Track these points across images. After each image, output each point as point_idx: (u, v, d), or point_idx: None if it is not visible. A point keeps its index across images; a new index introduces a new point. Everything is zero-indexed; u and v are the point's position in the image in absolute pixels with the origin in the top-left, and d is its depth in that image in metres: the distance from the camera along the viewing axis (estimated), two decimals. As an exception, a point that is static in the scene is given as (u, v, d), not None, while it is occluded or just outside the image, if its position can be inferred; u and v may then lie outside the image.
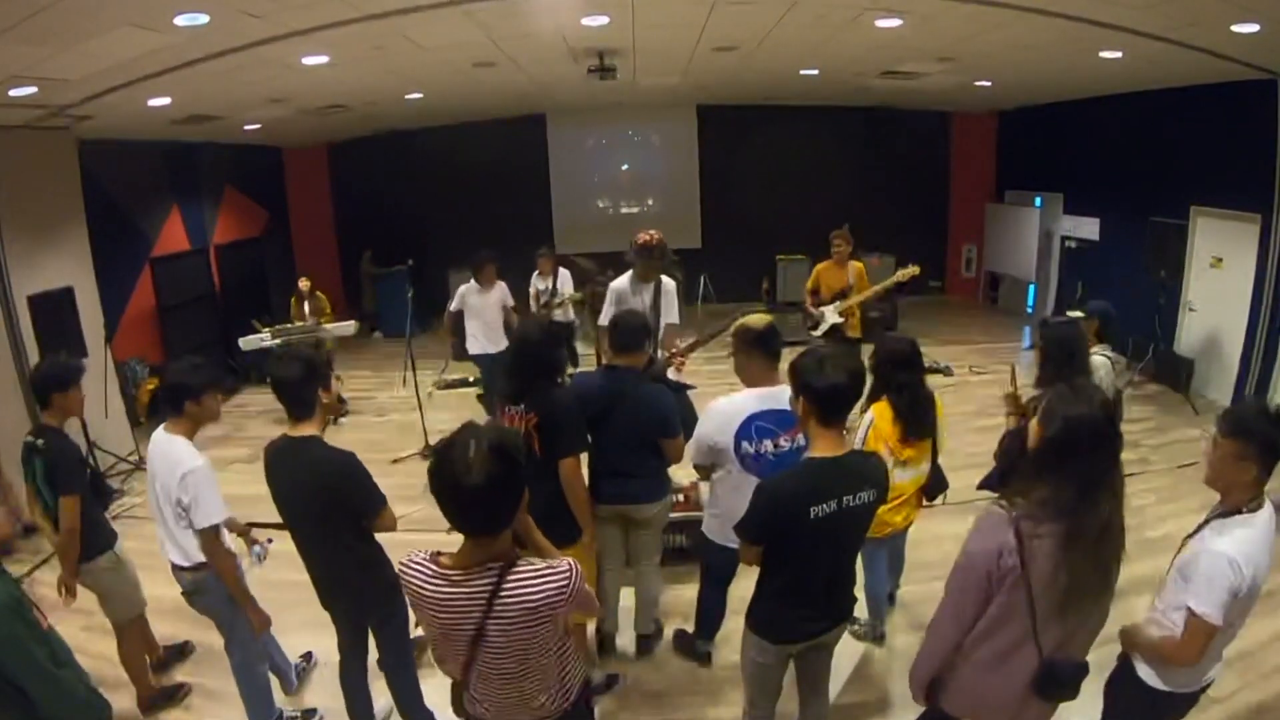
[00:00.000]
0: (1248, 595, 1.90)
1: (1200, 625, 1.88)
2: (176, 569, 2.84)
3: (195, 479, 2.63)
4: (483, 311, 6.01)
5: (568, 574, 1.62)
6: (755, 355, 2.87)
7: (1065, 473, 1.70)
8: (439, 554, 1.67)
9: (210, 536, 2.67)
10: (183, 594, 2.91)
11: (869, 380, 2.79)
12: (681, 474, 4.31)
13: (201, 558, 2.74)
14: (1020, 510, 1.73)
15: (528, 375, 2.88)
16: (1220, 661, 2.09)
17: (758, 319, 2.95)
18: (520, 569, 1.60)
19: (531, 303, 6.86)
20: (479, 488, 1.50)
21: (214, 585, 2.79)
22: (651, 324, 4.03)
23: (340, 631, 2.83)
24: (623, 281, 4.39)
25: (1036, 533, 1.70)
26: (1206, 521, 2.01)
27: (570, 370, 2.88)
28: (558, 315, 6.75)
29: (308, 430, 2.52)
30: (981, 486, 3.30)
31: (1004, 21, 4.65)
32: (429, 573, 1.64)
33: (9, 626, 1.86)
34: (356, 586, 2.65)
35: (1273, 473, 1.93)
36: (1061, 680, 1.79)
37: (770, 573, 2.33)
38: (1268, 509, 1.95)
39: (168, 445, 2.72)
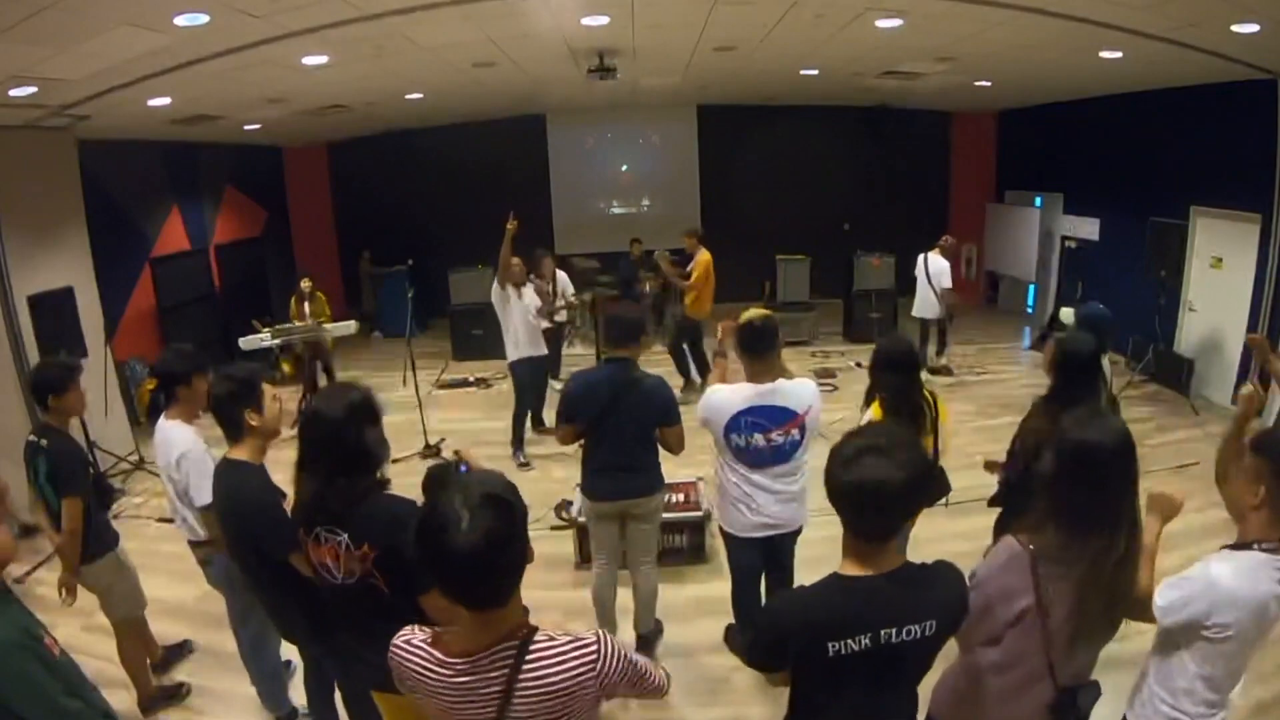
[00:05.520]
0: (1220, 638, 1.66)
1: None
2: (190, 542, 3.02)
3: (188, 462, 2.77)
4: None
5: (595, 647, 1.37)
6: (744, 353, 2.90)
7: (1080, 510, 1.64)
8: (440, 634, 1.40)
9: (209, 515, 2.73)
10: (199, 562, 3.07)
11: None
12: (681, 470, 4.30)
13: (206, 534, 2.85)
14: (1038, 549, 1.67)
15: (336, 476, 1.94)
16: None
17: (755, 313, 2.94)
18: (539, 644, 1.35)
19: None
20: (476, 549, 1.22)
21: (222, 558, 2.84)
22: None
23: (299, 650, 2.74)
24: None
25: (1055, 574, 1.64)
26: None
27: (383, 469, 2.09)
28: (560, 318, 6.71)
29: (239, 454, 2.40)
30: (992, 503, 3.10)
31: (1004, 21, 4.65)
32: (430, 662, 1.37)
33: (20, 664, 1.78)
34: (288, 617, 2.50)
35: None
36: (1078, 707, 1.79)
37: (794, 710, 1.73)
38: None
39: (166, 431, 2.88)
